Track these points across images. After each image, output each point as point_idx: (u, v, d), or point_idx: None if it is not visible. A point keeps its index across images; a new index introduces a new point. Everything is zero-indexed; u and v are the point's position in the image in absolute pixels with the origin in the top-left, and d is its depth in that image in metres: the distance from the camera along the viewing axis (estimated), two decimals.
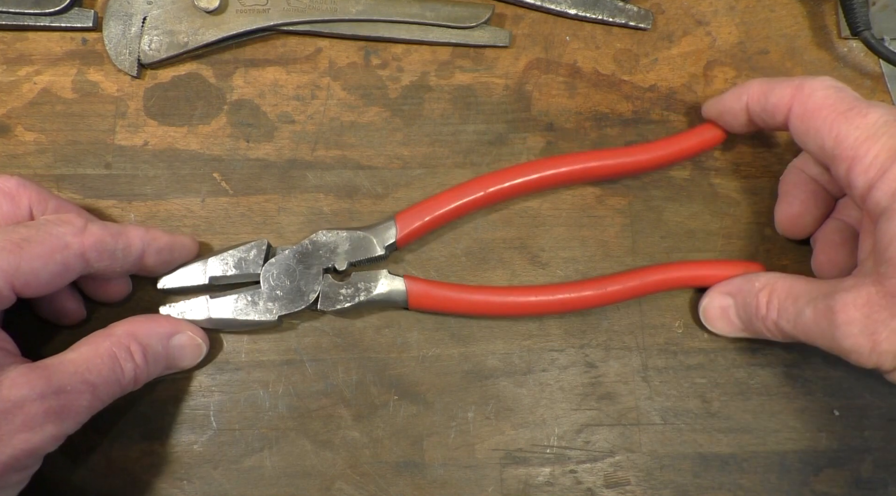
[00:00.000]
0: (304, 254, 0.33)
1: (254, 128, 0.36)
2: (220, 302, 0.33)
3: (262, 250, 0.33)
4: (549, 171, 0.34)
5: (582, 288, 0.34)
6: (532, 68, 0.37)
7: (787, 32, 0.38)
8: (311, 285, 0.33)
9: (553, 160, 0.35)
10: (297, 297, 0.33)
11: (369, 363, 0.34)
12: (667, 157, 0.35)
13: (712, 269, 0.35)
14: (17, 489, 0.27)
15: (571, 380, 0.35)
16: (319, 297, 0.33)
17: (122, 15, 0.35)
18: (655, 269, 0.35)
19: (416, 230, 0.34)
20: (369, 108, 0.37)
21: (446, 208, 0.34)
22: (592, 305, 0.34)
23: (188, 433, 0.33)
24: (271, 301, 0.33)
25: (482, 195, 0.34)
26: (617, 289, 0.34)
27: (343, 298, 0.33)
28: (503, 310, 0.34)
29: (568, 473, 0.34)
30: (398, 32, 0.36)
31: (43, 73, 0.36)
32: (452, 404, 0.34)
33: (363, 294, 0.33)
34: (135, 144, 0.36)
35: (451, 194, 0.34)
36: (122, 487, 0.33)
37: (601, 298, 0.34)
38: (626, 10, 0.37)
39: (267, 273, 0.33)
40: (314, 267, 0.33)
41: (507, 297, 0.34)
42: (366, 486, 0.34)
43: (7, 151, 0.35)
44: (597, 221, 0.36)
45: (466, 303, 0.34)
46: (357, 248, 0.33)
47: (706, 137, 0.35)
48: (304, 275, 0.33)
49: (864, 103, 0.29)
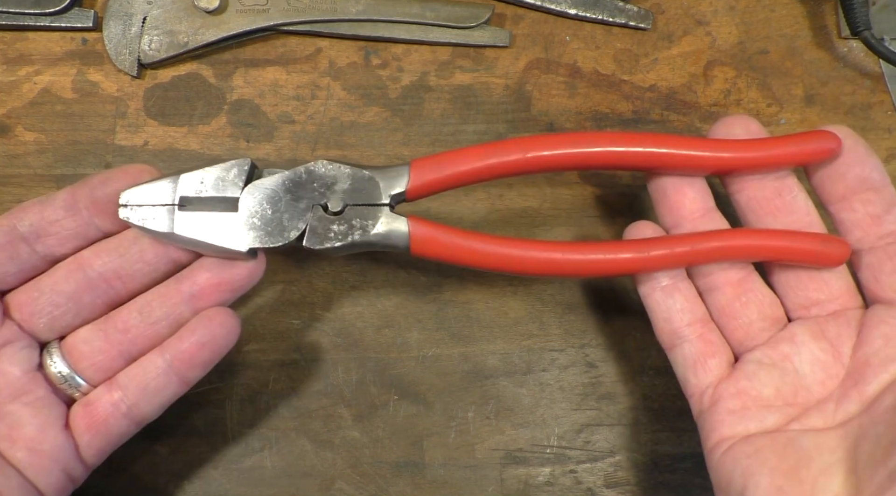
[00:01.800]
0: (295, 184, 0.28)
1: (254, 128, 0.36)
2: (187, 217, 0.28)
3: (243, 170, 0.28)
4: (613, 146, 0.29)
5: (619, 249, 0.29)
6: (532, 68, 0.37)
7: (787, 32, 0.38)
8: (296, 219, 0.28)
9: (622, 137, 0.29)
10: (278, 231, 0.28)
11: (369, 363, 0.34)
12: (770, 159, 0.29)
13: (784, 240, 0.29)
14: None
15: (571, 380, 0.35)
16: (306, 232, 0.28)
17: (122, 15, 0.35)
18: (711, 236, 0.30)
19: (432, 182, 0.29)
20: (369, 108, 0.37)
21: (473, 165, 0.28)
22: (629, 271, 0.30)
23: (188, 433, 0.33)
24: (246, 229, 0.28)
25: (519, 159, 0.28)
26: (662, 255, 0.29)
27: (334, 235, 0.28)
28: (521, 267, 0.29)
29: (568, 473, 0.34)
30: (398, 32, 0.36)
31: (43, 73, 0.36)
32: (452, 404, 0.34)
33: (358, 232, 0.28)
34: (135, 144, 0.36)
35: (481, 151, 0.29)
36: (122, 487, 0.33)
37: (641, 264, 0.29)
38: (626, 10, 0.37)
39: (247, 197, 0.28)
40: (303, 200, 0.28)
41: (527, 251, 0.29)
42: (366, 486, 0.34)
43: (7, 151, 0.35)
44: (597, 221, 0.36)
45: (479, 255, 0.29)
46: (359, 189, 0.29)
47: (820, 147, 0.29)
48: (289, 207, 0.28)
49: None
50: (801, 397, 0.28)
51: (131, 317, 0.29)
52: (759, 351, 0.29)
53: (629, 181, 0.37)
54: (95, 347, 0.29)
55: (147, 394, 0.29)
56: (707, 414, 0.29)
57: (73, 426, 0.29)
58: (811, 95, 0.38)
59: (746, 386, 0.29)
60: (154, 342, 0.29)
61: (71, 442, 0.28)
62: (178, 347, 0.29)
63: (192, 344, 0.28)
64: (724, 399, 0.29)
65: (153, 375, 0.29)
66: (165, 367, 0.29)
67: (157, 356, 0.29)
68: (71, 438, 0.28)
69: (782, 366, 0.29)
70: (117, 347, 0.29)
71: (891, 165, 0.37)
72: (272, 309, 0.35)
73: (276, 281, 0.35)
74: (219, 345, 0.29)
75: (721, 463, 0.28)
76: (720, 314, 0.31)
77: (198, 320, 0.29)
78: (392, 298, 0.35)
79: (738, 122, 0.30)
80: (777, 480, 0.26)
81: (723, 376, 0.29)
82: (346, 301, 0.35)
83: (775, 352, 0.29)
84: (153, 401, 0.29)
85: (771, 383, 0.29)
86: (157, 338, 0.29)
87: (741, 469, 0.27)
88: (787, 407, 0.28)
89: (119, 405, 0.29)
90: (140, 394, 0.29)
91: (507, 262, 0.29)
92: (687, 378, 0.30)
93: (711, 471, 0.28)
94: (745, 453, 0.27)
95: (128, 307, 0.29)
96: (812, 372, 0.29)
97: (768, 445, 0.27)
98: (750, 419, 0.28)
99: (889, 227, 0.29)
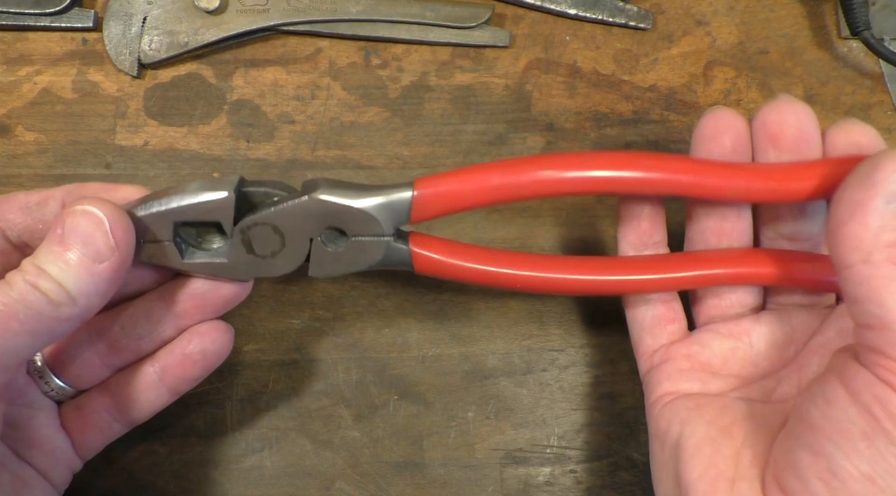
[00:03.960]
0: (294, 217, 0.27)
1: (254, 128, 0.36)
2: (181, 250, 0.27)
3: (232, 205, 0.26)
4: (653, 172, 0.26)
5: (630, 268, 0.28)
6: (532, 68, 0.37)
7: (787, 32, 0.38)
8: (296, 252, 0.27)
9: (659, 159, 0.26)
10: (277, 263, 0.27)
11: (369, 363, 0.34)
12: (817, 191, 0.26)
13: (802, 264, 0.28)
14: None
15: (571, 380, 0.35)
16: (310, 262, 0.28)
17: (122, 15, 0.35)
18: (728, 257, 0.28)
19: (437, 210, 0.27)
20: (369, 108, 0.37)
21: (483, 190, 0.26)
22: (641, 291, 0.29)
23: (188, 433, 0.33)
24: (243, 263, 0.27)
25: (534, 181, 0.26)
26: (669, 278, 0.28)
27: (336, 265, 0.27)
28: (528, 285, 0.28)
29: (568, 473, 0.34)
30: (398, 32, 0.36)
31: (43, 73, 0.36)
32: (452, 404, 0.34)
33: (361, 260, 0.27)
34: (135, 144, 0.36)
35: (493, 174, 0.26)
36: (122, 487, 0.33)
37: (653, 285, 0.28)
38: (626, 10, 0.37)
39: (240, 234, 0.27)
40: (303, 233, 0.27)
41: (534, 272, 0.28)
42: (366, 486, 0.34)
43: (7, 151, 0.35)
44: (597, 221, 0.36)
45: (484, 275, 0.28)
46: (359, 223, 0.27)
47: None
48: (288, 241, 0.27)
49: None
50: (747, 371, 0.29)
51: (114, 330, 0.29)
52: (720, 323, 0.30)
53: None
54: (80, 357, 0.29)
55: (137, 403, 0.29)
56: (655, 370, 0.30)
57: (67, 426, 0.29)
58: (811, 95, 0.38)
59: (697, 351, 0.30)
60: (138, 355, 0.29)
61: (69, 440, 0.29)
62: (169, 361, 0.28)
63: (182, 359, 0.28)
64: (674, 359, 0.30)
65: (143, 386, 0.29)
66: (156, 379, 0.29)
67: (148, 366, 0.29)
68: (68, 437, 0.29)
69: (738, 339, 0.30)
70: (102, 359, 0.29)
71: None
72: (272, 309, 0.35)
73: (276, 281, 0.35)
74: (209, 361, 0.29)
75: (661, 413, 0.29)
76: (706, 291, 0.31)
77: (189, 335, 0.29)
78: (392, 298, 0.35)
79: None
80: (711, 432, 0.26)
81: (678, 339, 0.30)
82: (346, 301, 0.35)
83: (736, 327, 0.30)
84: (143, 409, 0.29)
85: (722, 353, 0.29)
86: (140, 352, 0.29)
87: (679, 418, 0.28)
88: (732, 378, 0.29)
89: (110, 410, 0.29)
90: (130, 403, 0.29)
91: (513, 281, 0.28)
92: (642, 337, 0.31)
93: (650, 422, 0.29)
94: (685, 406, 0.28)
95: (111, 318, 0.29)
96: (766, 350, 0.29)
97: (708, 403, 0.28)
98: (695, 380, 0.29)
99: None
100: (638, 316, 0.31)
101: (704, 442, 0.26)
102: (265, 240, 0.27)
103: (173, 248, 0.27)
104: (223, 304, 0.29)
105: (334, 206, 0.26)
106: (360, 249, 0.27)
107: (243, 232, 0.27)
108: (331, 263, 0.28)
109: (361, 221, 0.27)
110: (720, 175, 0.26)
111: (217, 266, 0.27)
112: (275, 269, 0.27)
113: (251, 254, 0.27)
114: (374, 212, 0.27)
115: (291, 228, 0.27)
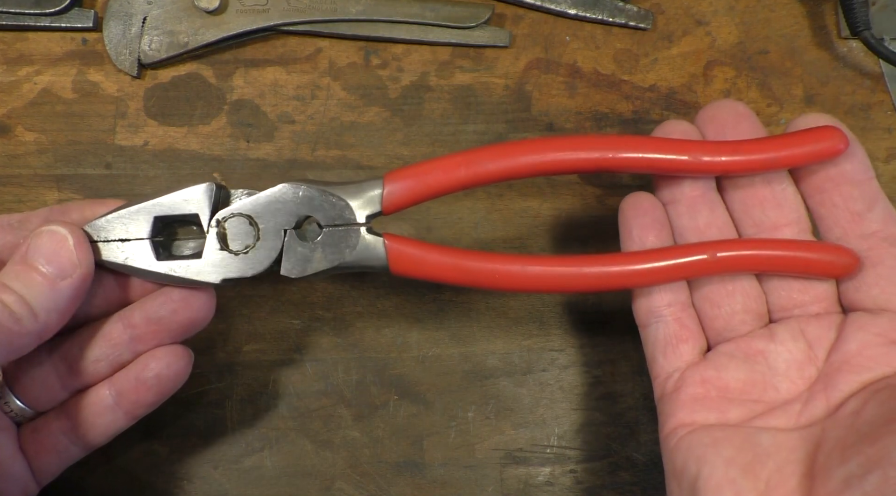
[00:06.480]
0: (265, 209, 0.28)
1: (254, 128, 0.36)
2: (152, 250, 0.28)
3: (210, 196, 0.28)
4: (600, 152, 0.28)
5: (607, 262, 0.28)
6: (532, 68, 0.37)
7: (787, 32, 0.38)
8: (268, 247, 0.28)
9: (607, 140, 0.28)
10: (250, 260, 0.28)
11: (369, 363, 0.34)
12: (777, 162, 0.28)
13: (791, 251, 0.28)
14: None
15: (571, 380, 0.35)
16: (281, 259, 0.28)
17: (122, 15, 0.35)
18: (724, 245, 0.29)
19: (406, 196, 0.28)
20: (369, 108, 0.37)
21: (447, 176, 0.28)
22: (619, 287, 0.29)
23: (188, 433, 0.33)
24: (216, 261, 0.28)
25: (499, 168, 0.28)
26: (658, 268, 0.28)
27: (309, 262, 0.28)
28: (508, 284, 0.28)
29: (568, 473, 0.34)
30: (398, 32, 0.36)
31: (43, 73, 0.36)
32: (452, 404, 0.34)
33: (335, 257, 0.28)
34: (135, 144, 0.36)
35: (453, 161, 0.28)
36: (122, 487, 0.33)
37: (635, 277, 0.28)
38: (626, 10, 0.37)
39: (215, 226, 0.28)
40: (274, 225, 0.28)
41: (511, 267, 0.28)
42: (366, 486, 0.34)
43: (7, 151, 0.35)
44: (597, 221, 0.36)
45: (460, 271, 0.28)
46: (331, 211, 0.28)
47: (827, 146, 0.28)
48: (260, 234, 0.28)
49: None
50: (768, 395, 0.28)
51: (73, 351, 0.28)
52: (733, 343, 0.29)
53: (629, 181, 0.37)
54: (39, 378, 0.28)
55: (93, 426, 0.28)
56: (669, 398, 0.28)
57: (25, 449, 0.28)
58: (811, 95, 0.38)
59: (713, 376, 0.28)
60: (96, 378, 0.29)
61: (26, 463, 0.28)
62: (124, 385, 0.28)
63: (136, 384, 0.28)
64: (688, 385, 0.28)
65: (99, 409, 0.28)
66: (112, 403, 0.28)
67: (105, 389, 0.28)
68: (25, 460, 0.28)
69: (754, 361, 0.28)
70: (61, 380, 0.28)
71: (891, 165, 0.37)
72: (272, 309, 0.35)
73: (276, 281, 0.35)
74: (164, 386, 0.28)
75: (677, 448, 0.27)
76: (704, 300, 0.30)
77: (146, 359, 0.28)
78: (392, 298, 0.35)
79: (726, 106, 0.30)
80: (731, 473, 0.25)
81: (692, 363, 0.29)
82: (346, 301, 0.35)
83: (750, 347, 0.29)
84: (99, 433, 0.29)
85: (739, 377, 0.28)
86: (97, 375, 0.29)
87: (696, 457, 0.26)
88: (752, 403, 0.28)
89: (67, 433, 0.28)
90: (86, 426, 0.28)
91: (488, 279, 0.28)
92: (655, 358, 0.30)
93: (665, 457, 0.28)
94: (701, 442, 0.26)
95: (72, 340, 0.29)
96: (785, 371, 0.28)
97: (727, 437, 0.26)
98: (711, 409, 0.27)
99: (871, 226, 0.28)
100: (650, 335, 0.30)
101: (724, 484, 0.25)
102: (240, 233, 0.28)
103: (149, 248, 0.28)
104: (180, 330, 0.29)
105: (308, 193, 0.28)
106: (333, 241, 0.28)
107: (219, 224, 0.28)
108: (304, 260, 0.28)
109: (335, 208, 0.28)
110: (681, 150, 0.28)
111: (191, 268, 0.28)
112: (248, 267, 0.28)
113: (225, 249, 0.28)
114: (347, 196, 0.28)
115: (266, 218, 0.28)
